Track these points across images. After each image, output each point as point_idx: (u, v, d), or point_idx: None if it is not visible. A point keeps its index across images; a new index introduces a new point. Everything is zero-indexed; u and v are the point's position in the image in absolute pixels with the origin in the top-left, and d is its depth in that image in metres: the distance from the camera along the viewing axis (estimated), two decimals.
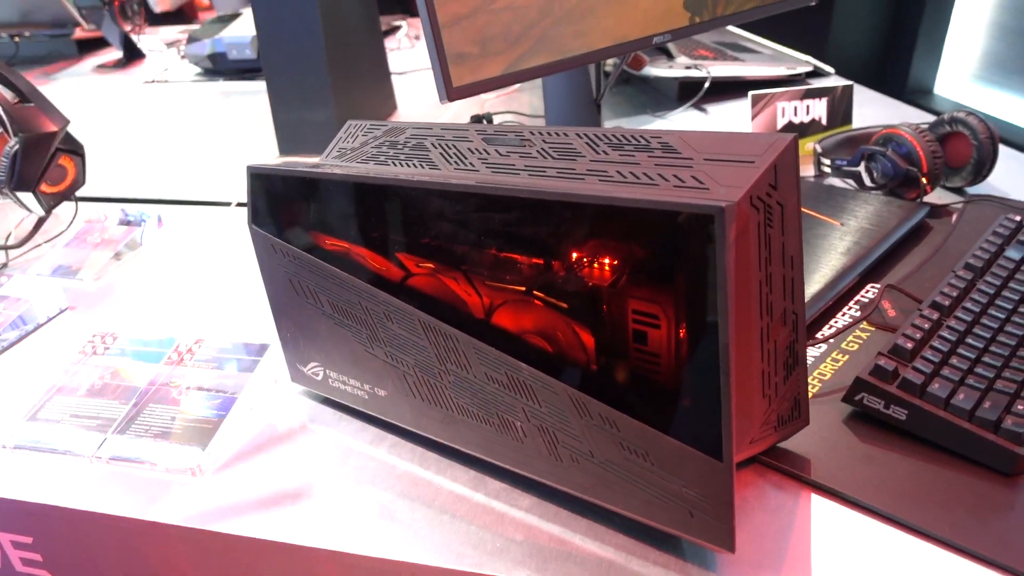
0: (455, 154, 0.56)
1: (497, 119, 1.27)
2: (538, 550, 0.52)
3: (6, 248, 1.00)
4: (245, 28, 1.75)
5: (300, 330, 0.65)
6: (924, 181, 0.86)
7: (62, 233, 1.02)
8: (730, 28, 1.56)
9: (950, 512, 0.51)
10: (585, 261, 0.48)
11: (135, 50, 2.01)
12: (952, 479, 0.54)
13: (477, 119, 1.19)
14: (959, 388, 0.56)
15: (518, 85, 1.21)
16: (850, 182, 0.95)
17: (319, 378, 0.66)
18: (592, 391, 0.49)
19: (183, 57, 1.90)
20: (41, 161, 0.97)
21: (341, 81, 1.21)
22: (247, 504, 0.59)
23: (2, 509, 0.62)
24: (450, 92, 0.75)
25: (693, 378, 0.45)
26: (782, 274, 0.49)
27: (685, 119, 1.27)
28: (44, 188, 0.99)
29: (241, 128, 1.43)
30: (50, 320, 0.85)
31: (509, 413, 0.54)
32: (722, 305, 0.42)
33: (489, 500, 0.57)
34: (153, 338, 0.77)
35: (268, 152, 1.25)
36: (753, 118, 1.04)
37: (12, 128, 0.95)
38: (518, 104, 1.38)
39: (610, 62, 1.32)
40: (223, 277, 0.91)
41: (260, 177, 0.62)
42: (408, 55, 1.85)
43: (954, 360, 0.58)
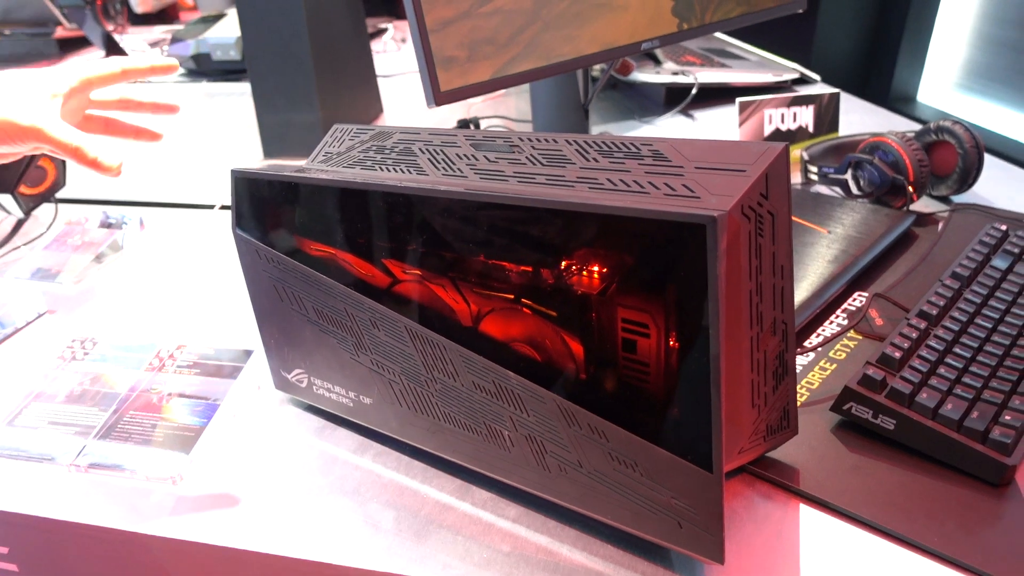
0: (443, 160, 0.55)
1: (484, 123, 1.26)
2: (525, 561, 0.51)
3: None
4: (229, 29, 1.74)
5: (284, 336, 0.64)
6: (911, 189, 0.86)
7: (42, 235, 1.00)
8: (717, 35, 1.56)
9: (938, 522, 0.51)
10: (574, 269, 0.48)
11: (117, 50, 1.98)
12: (940, 489, 0.54)
13: (464, 123, 1.19)
14: (947, 398, 0.56)
15: (505, 89, 1.20)
16: (837, 190, 0.95)
17: (303, 385, 0.66)
18: (581, 400, 0.49)
19: (166, 57, 1.88)
20: (20, 162, 0.96)
21: (327, 83, 1.20)
22: (229, 513, 0.58)
23: None
24: (438, 96, 0.75)
25: (683, 388, 0.45)
26: (772, 284, 0.49)
27: (672, 125, 1.27)
28: (23, 190, 0.97)
29: (225, 130, 1.41)
30: (29, 324, 0.83)
31: (496, 422, 0.53)
32: (713, 315, 0.42)
33: (476, 510, 0.56)
34: (134, 343, 0.75)
35: (252, 154, 1.24)
36: (740, 125, 1.04)
37: None
38: (505, 108, 1.38)
39: (597, 67, 1.32)
40: (206, 281, 0.90)
41: (245, 181, 0.61)
42: (394, 58, 1.84)
43: (942, 370, 0.58)
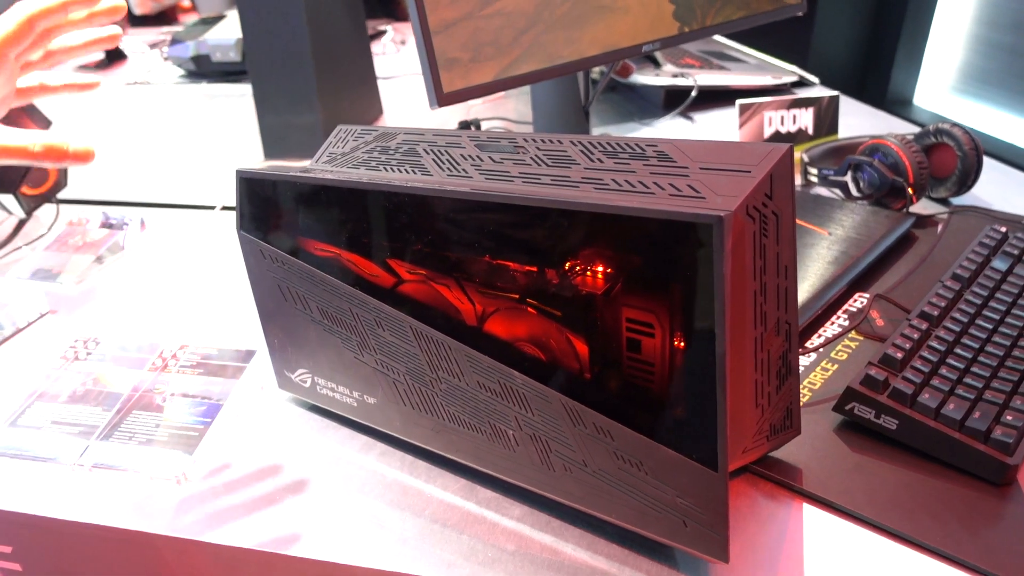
0: (448, 160, 0.56)
1: (484, 125, 1.26)
2: (530, 560, 0.52)
3: None
4: (229, 30, 1.74)
5: (288, 336, 0.65)
6: (910, 192, 0.87)
7: (43, 236, 1.00)
8: (716, 37, 1.57)
9: (940, 522, 0.52)
10: (579, 269, 0.48)
11: (117, 51, 1.98)
12: (942, 489, 0.54)
13: (465, 125, 1.19)
14: (949, 398, 0.56)
15: (505, 91, 1.20)
16: (836, 191, 0.95)
17: (307, 385, 0.66)
18: (586, 400, 0.49)
19: (166, 59, 1.88)
20: (22, 163, 0.96)
21: (327, 85, 1.20)
22: (233, 513, 0.58)
23: None
24: (440, 98, 0.75)
25: (688, 387, 0.45)
26: (776, 284, 0.49)
27: (671, 127, 1.27)
28: (25, 190, 0.97)
29: (225, 131, 1.41)
30: (30, 324, 0.83)
31: (501, 421, 0.53)
32: (719, 315, 0.42)
33: (480, 509, 0.56)
34: (136, 343, 0.76)
35: (253, 155, 1.24)
36: (740, 127, 1.04)
37: None
38: (504, 110, 1.38)
39: (597, 70, 1.32)
40: (207, 282, 0.90)
41: (250, 181, 0.61)
42: (393, 59, 1.85)
43: (943, 370, 0.59)
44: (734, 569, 0.50)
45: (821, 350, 0.68)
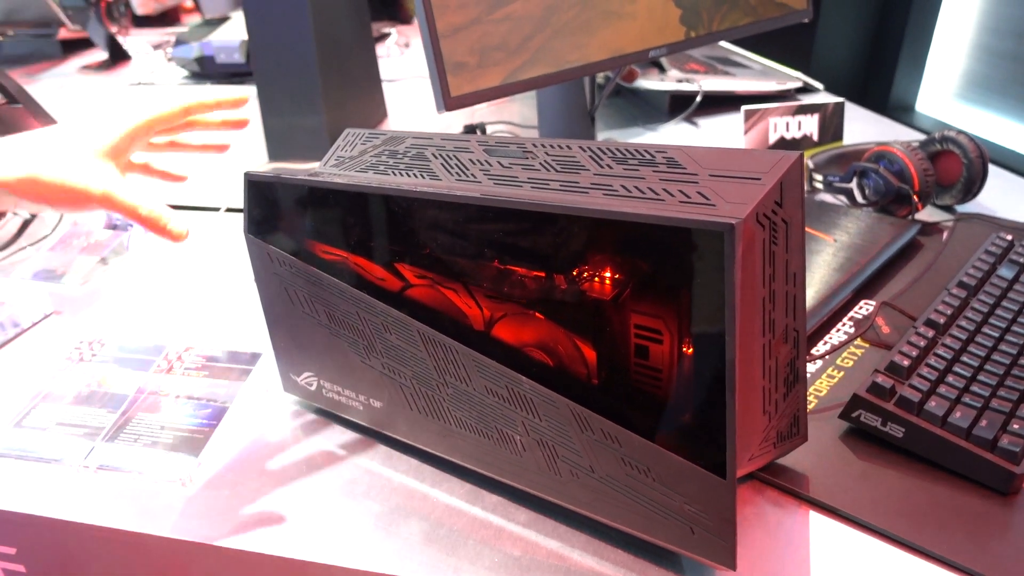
0: (456, 165, 0.56)
1: (490, 129, 1.26)
2: (536, 565, 0.52)
3: None
4: (233, 32, 1.74)
5: (294, 340, 0.65)
6: (916, 199, 0.87)
7: (47, 237, 1.00)
8: (721, 43, 1.57)
9: (947, 530, 0.52)
10: (587, 275, 0.48)
11: (121, 51, 1.98)
12: (949, 497, 0.54)
13: (470, 129, 1.19)
14: (955, 406, 0.56)
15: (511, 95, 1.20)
16: (842, 198, 0.95)
17: (313, 388, 0.66)
18: (593, 406, 0.49)
19: (170, 60, 1.88)
20: None
21: (332, 87, 1.20)
22: (238, 516, 0.58)
23: None
24: (448, 102, 0.75)
25: (696, 394, 0.45)
26: (785, 291, 0.49)
27: (676, 132, 1.28)
28: None
29: (229, 132, 1.41)
30: (35, 325, 0.83)
31: (508, 427, 0.53)
32: (729, 322, 0.42)
33: (486, 514, 0.56)
34: (141, 345, 0.75)
35: (257, 157, 1.24)
36: (745, 133, 1.04)
37: None
38: (509, 114, 1.38)
39: (602, 74, 1.32)
40: (212, 284, 0.90)
41: (257, 184, 0.61)
42: (397, 62, 1.85)
43: (950, 378, 0.58)
44: None
45: (827, 357, 0.68)
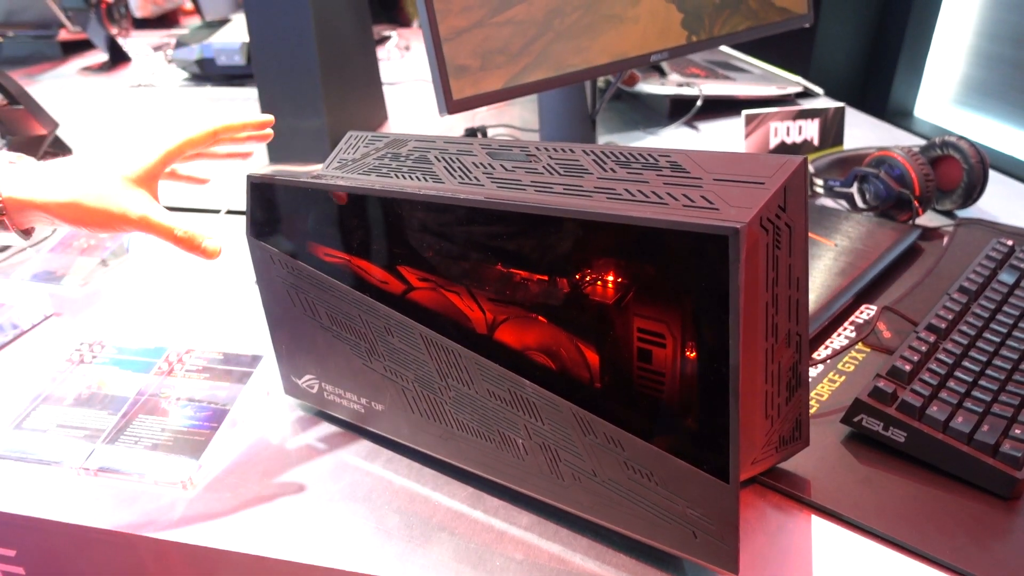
0: (459, 168, 0.56)
1: (491, 132, 1.26)
2: (538, 569, 0.51)
3: None
4: (234, 34, 1.74)
5: (296, 342, 0.65)
6: (916, 204, 0.87)
7: (47, 238, 1.00)
8: (721, 47, 1.57)
9: (949, 535, 0.52)
10: (591, 278, 0.48)
11: (121, 53, 1.98)
12: (951, 502, 0.54)
13: (472, 132, 1.19)
14: (957, 411, 0.56)
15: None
16: (842, 203, 0.95)
17: (314, 391, 0.66)
18: (596, 409, 0.49)
19: (170, 62, 1.88)
20: None
21: (333, 90, 1.20)
22: (239, 518, 0.57)
23: None
24: (450, 105, 0.75)
25: (699, 398, 0.45)
26: (788, 295, 0.49)
27: (676, 136, 1.28)
28: None
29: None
30: (35, 326, 0.83)
31: (511, 430, 0.53)
32: (733, 326, 0.42)
33: (488, 517, 0.56)
34: (142, 347, 0.75)
35: (257, 160, 1.24)
36: (746, 137, 1.04)
37: (1, 130, 0.93)
38: (510, 117, 1.38)
39: (603, 78, 1.32)
40: (212, 286, 0.90)
41: (260, 187, 0.61)
42: (398, 65, 1.85)
43: (952, 383, 0.59)
44: None
45: (828, 361, 0.68)
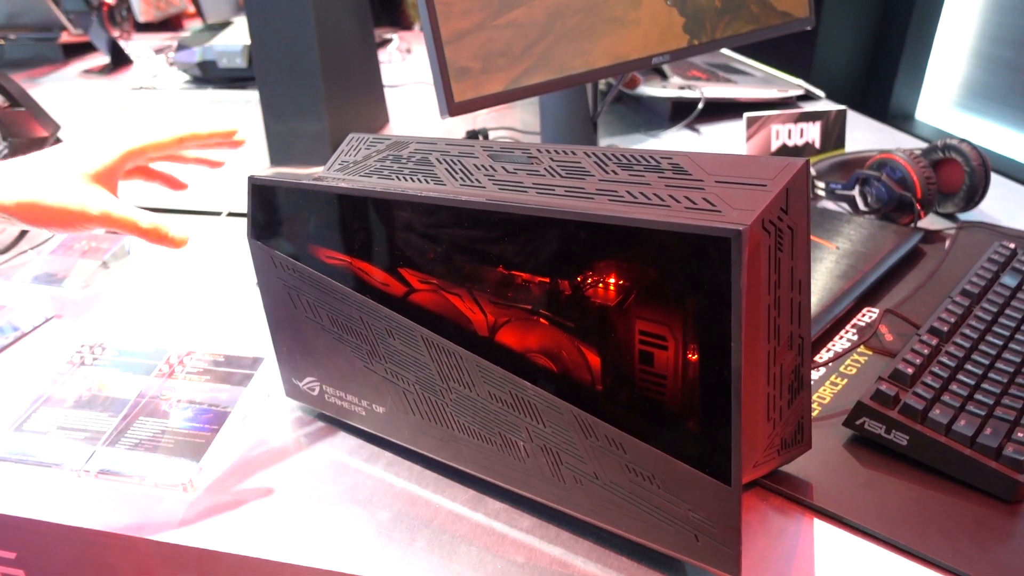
0: (461, 170, 0.56)
1: (492, 134, 1.27)
2: (539, 572, 0.51)
3: None
4: (236, 37, 1.74)
5: (297, 344, 0.64)
6: (918, 207, 0.87)
7: (48, 240, 1.00)
8: (722, 50, 1.57)
9: (951, 539, 0.51)
10: (592, 280, 0.48)
11: (122, 56, 1.99)
12: (953, 505, 0.54)
13: (473, 134, 1.19)
14: (960, 414, 0.56)
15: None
16: (844, 205, 0.95)
17: (315, 393, 0.65)
18: (597, 412, 0.49)
19: (171, 64, 1.88)
20: None
21: (334, 92, 1.20)
22: (239, 521, 0.57)
23: None
24: (452, 107, 0.75)
25: (701, 401, 0.45)
26: (790, 298, 0.49)
27: (678, 139, 1.28)
28: None
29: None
30: (36, 328, 0.83)
31: (512, 433, 0.53)
32: (735, 329, 0.42)
33: (489, 520, 0.56)
34: (142, 349, 0.75)
35: (258, 162, 1.24)
36: (748, 140, 1.04)
37: (2, 132, 0.93)
38: (511, 120, 1.38)
39: (604, 80, 1.32)
40: (213, 288, 0.90)
41: (262, 188, 0.61)
42: (399, 67, 1.85)
43: (954, 386, 0.58)
44: None
45: (830, 364, 0.68)
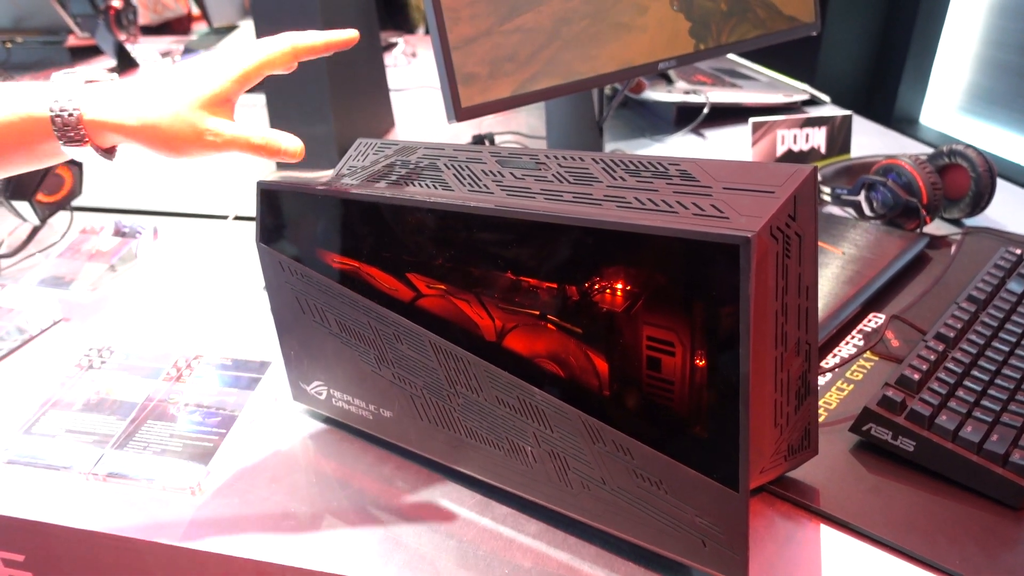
0: (469, 176, 0.56)
1: (498, 139, 1.27)
2: None
3: None
4: (242, 40, 1.75)
5: (305, 348, 0.65)
6: (924, 212, 0.87)
7: (56, 243, 1.00)
8: (728, 55, 1.57)
9: (958, 545, 0.51)
10: (600, 286, 0.48)
11: (129, 59, 1.99)
12: (960, 512, 0.54)
13: (479, 139, 1.20)
14: (967, 420, 0.56)
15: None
16: (849, 211, 0.95)
17: (322, 397, 0.66)
18: (605, 417, 0.49)
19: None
20: (39, 170, 0.96)
21: (341, 96, 1.21)
22: (246, 525, 0.58)
23: None
24: (459, 112, 0.75)
25: (708, 406, 0.45)
26: (797, 304, 0.49)
27: (683, 144, 1.28)
28: (40, 197, 0.98)
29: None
30: (43, 332, 0.83)
31: (519, 438, 0.53)
32: (743, 335, 0.42)
33: (496, 525, 0.56)
34: (150, 353, 0.76)
35: (264, 166, 1.25)
36: (753, 144, 1.04)
37: None
38: (516, 124, 1.38)
39: (610, 85, 1.32)
40: (221, 292, 0.90)
41: (270, 193, 0.61)
42: (404, 72, 1.85)
43: (961, 392, 0.58)
44: None
45: (836, 370, 0.68)
